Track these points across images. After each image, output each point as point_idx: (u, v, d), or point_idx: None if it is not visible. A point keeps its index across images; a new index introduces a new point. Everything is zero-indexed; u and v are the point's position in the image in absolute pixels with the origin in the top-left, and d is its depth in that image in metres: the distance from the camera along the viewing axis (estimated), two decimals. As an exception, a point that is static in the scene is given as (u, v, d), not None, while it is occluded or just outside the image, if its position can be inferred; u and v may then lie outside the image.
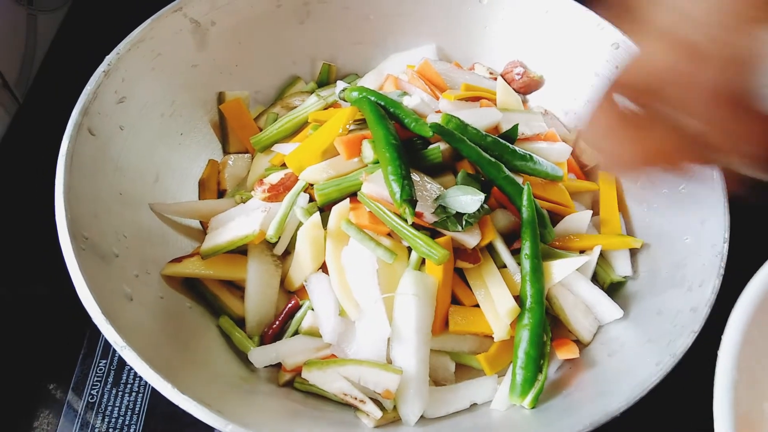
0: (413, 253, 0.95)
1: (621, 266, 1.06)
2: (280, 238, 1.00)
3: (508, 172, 1.00)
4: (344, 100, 1.08)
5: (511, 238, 1.00)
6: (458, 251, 0.96)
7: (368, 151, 1.00)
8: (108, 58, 1.01)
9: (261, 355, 0.94)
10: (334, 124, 1.06)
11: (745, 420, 0.66)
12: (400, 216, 0.92)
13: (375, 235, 0.96)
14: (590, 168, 1.22)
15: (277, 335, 0.99)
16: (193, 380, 0.82)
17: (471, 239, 0.94)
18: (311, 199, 1.03)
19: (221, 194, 1.17)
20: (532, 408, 0.89)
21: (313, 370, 0.90)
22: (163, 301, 0.94)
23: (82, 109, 0.95)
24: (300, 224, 1.00)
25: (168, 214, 1.06)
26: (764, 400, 0.70)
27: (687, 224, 1.00)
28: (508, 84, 1.27)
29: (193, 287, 1.02)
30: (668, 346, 0.85)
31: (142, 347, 0.77)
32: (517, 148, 1.04)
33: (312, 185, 1.02)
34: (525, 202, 0.97)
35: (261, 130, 1.21)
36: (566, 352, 0.95)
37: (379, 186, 0.95)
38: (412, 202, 0.89)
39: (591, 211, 1.08)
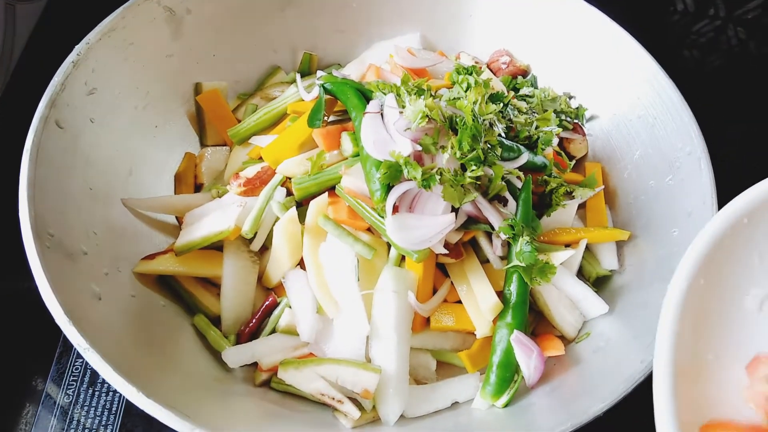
0: (393, 249, 0.92)
1: (607, 260, 1.04)
2: (256, 233, 0.97)
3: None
4: (324, 88, 1.04)
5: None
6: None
7: (348, 144, 0.97)
8: (77, 48, 0.98)
9: (235, 355, 0.91)
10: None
11: (686, 370, 0.64)
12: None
13: (353, 230, 0.93)
14: (578, 159, 1.19)
15: (254, 334, 0.96)
16: (163, 382, 0.80)
17: (452, 235, 0.91)
18: (289, 193, 1.00)
19: (198, 188, 1.14)
20: (505, 407, 0.87)
21: (289, 370, 0.88)
22: (134, 299, 0.92)
23: (49, 102, 0.91)
24: (277, 219, 0.97)
25: (141, 210, 1.03)
26: (709, 352, 0.68)
27: (674, 216, 0.98)
28: (494, 73, 1.24)
29: (167, 285, 0.99)
30: (654, 342, 0.82)
31: (108, 349, 0.75)
32: (504, 140, 1.01)
33: (290, 179, 0.99)
34: (524, 196, 0.95)
35: (240, 121, 1.18)
36: (551, 349, 0.93)
37: (358, 180, 0.92)
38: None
39: (577, 203, 1.06)
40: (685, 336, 0.65)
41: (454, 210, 0.90)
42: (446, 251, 0.89)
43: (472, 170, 0.86)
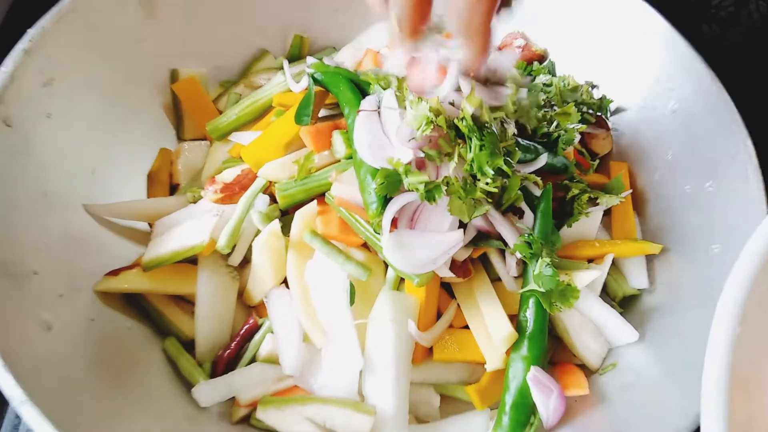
0: (391, 269, 0.80)
1: (636, 277, 0.91)
2: (234, 247, 0.85)
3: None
4: (314, 79, 0.91)
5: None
6: (445, 263, 0.81)
7: (340, 145, 0.85)
8: (30, 33, 0.85)
9: (209, 392, 0.79)
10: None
11: (742, 384, 0.54)
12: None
13: (345, 247, 0.80)
14: (601, 156, 1.06)
15: (233, 360, 0.85)
16: (124, 428, 0.68)
17: (459, 252, 0.78)
18: (273, 200, 0.88)
19: (174, 189, 1.02)
20: None
21: (270, 410, 0.76)
22: (94, 323, 0.80)
23: (-6, 97, 0.79)
24: (258, 231, 0.85)
25: (107, 216, 0.90)
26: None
27: (715, 229, 0.86)
28: (507, 59, 1.11)
29: (134, 304, 0.87)
30: (698, 381, 0.70)
31: (52, 397, 0.63)
32: (520, 139, 0.88)
33: (274, 183, 0.87)
34: (543, 207, 0.82)
35: (222, 113, 1.05)
36: (573, 387, 0.81)
37: (351, 188, 0.80)
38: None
39: (602, 211, 0.93)
40: (746, 342, 0.54)
41: (462, 225, 0.77)
42: (452, 274, 0.77)
43: (487, 183, 0.73)
